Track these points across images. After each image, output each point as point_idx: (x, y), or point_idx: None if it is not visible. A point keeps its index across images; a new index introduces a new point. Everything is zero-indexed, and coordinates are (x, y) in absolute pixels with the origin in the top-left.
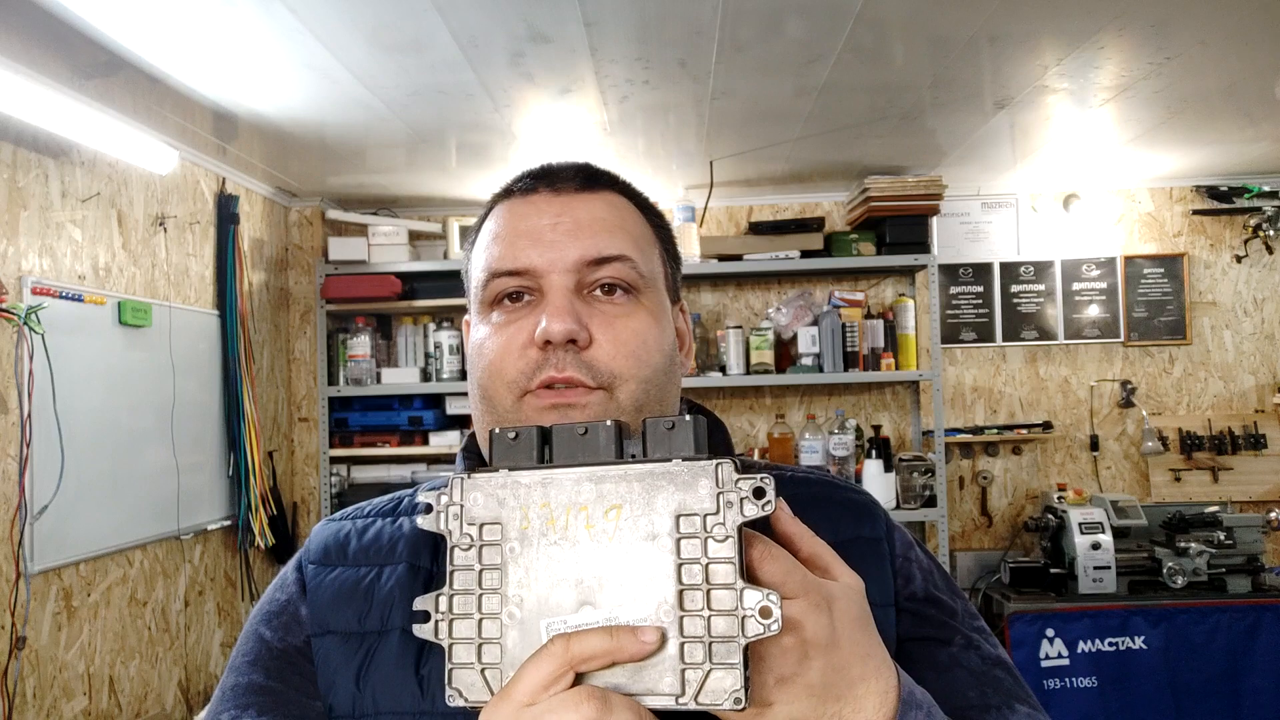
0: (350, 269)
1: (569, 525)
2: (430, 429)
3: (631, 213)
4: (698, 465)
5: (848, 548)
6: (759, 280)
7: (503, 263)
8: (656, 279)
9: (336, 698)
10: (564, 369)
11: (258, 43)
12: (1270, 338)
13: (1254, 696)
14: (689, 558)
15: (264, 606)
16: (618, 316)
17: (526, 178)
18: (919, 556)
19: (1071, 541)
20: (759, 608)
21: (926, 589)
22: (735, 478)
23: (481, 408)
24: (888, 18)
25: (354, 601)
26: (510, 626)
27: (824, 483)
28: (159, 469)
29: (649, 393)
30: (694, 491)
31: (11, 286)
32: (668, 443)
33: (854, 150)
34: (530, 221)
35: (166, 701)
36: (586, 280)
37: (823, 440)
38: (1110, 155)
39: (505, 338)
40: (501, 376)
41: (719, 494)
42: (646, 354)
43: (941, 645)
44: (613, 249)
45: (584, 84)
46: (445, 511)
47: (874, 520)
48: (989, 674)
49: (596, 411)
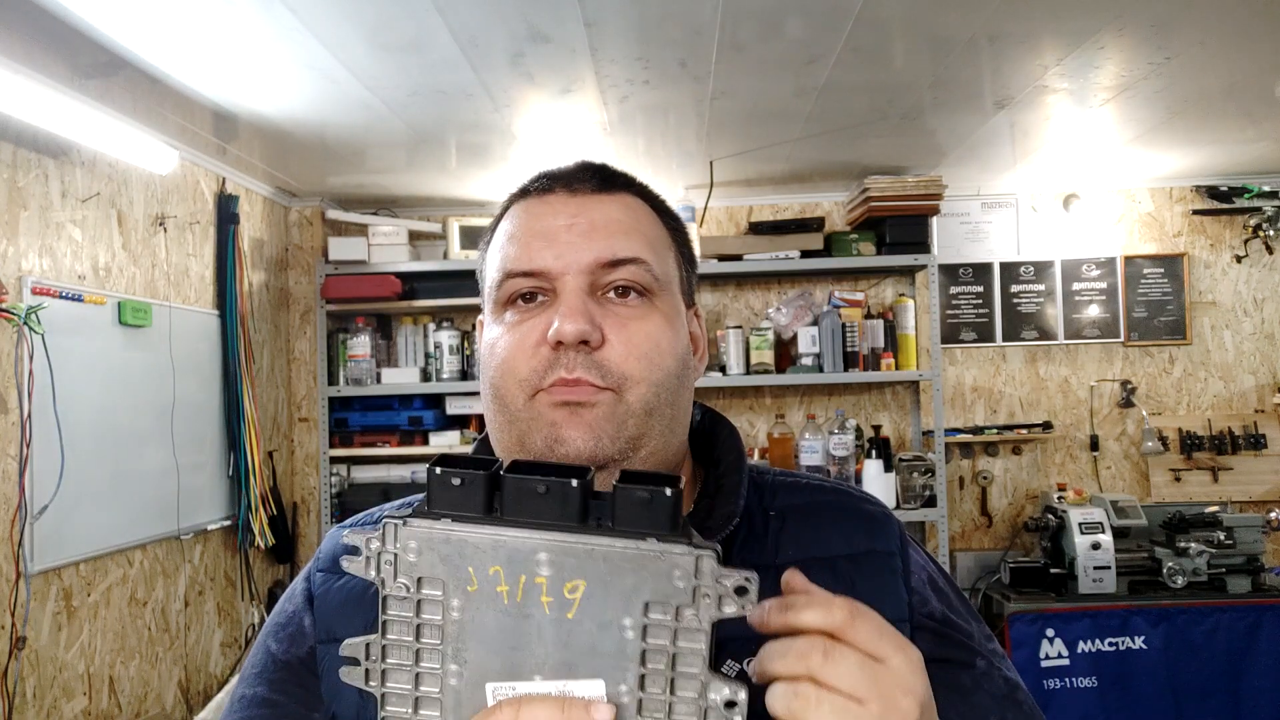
0: (350, 269)
1: (523, 596)
2: (430, 429)
3: (647, 215)
4: (676, 554)
5: (859, 561)
6: (759, 280)
7: (517, 263)
8: (671, 282)
9: (342, 705)
10: (574, 370)
11: (258, 43)
12: (1270, 338)
13: (1254, 696)
14: (655, 645)
15: (274, 618)
16: (631, 319)
17: (543, 178)
18: (935, 575)
19: (1071, 541)
20: (723, 702)
21: (944, 610)
22: (718, 573)
23: (494, 407)
24: (888, 18)
25: (361, 609)
26: (451, 685)
27: (838, 491)
28: (159, 469)
29: (660, 395)
30: (668, 580)
31: (11, 286)
32: (644, 517)
33: (854, 150)
34: (545, 222)
35: (166, 701)
36: (601, 282)
37: (823, 440)
38: (1110, 155)
39: (518, 336)
40: (514, 375)
41: (696, 586)
42: (659, 357)
43: (964, 668)
44: (628, 251)
45: (584, 84)
46: (375, 558)
47: (888, 534)
48: (1011, 698)
49: (605, 411)
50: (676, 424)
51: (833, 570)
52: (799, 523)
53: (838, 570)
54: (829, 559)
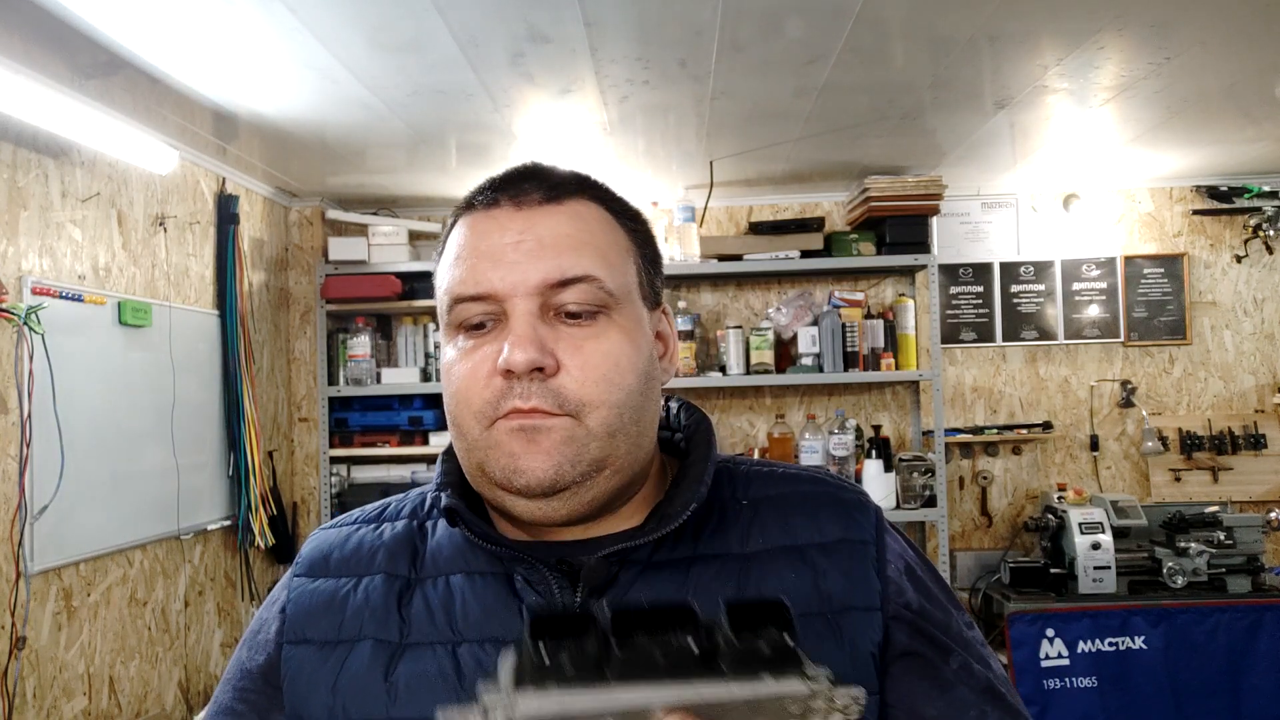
0: (350, 269)
1: None
2: (430, 429)
3: (601, 221)
4: (792, 691)
5: (830, 550)
6: (759, 280)
7: (464, 287)
8: (629, 291)
9: (311, 708)
10: (529, 399)
11: (258, 43)
12: (1270, 338)
13: (1254, 696)
14: None
15: (250, 625)
16: (586, 339)
17: (488, 189)
18: (914, 563)
19: (1071, 541)
20: None
21: (921, 600)
22: (829, 692)
23: (454, 433)
24: (888, 18)
25: (330, 612)
26: None
27: (815, 480)
28: (159, 469)
29: (622, 415)
30: (784, 712)
31: (11, 286)
32: (757, 657)
33: (854, 150)
34: (491, 240)
35: (166, 701)
36: (551, 302)
37: (823, 440)
38: (1110, 155)
39: (470, 366)
40: (468, 406)
41: (809, 707)
42: (619, 376)
43: (942, 661)
44: (577, 269)
45: (584, 84)
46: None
47: (862, 521)
48: (991, 691)
49: (563, 436)
50: (642, 437)
51: (802, 559)
52: (771, 512)
53: (808, 559)
54: (799, 548)
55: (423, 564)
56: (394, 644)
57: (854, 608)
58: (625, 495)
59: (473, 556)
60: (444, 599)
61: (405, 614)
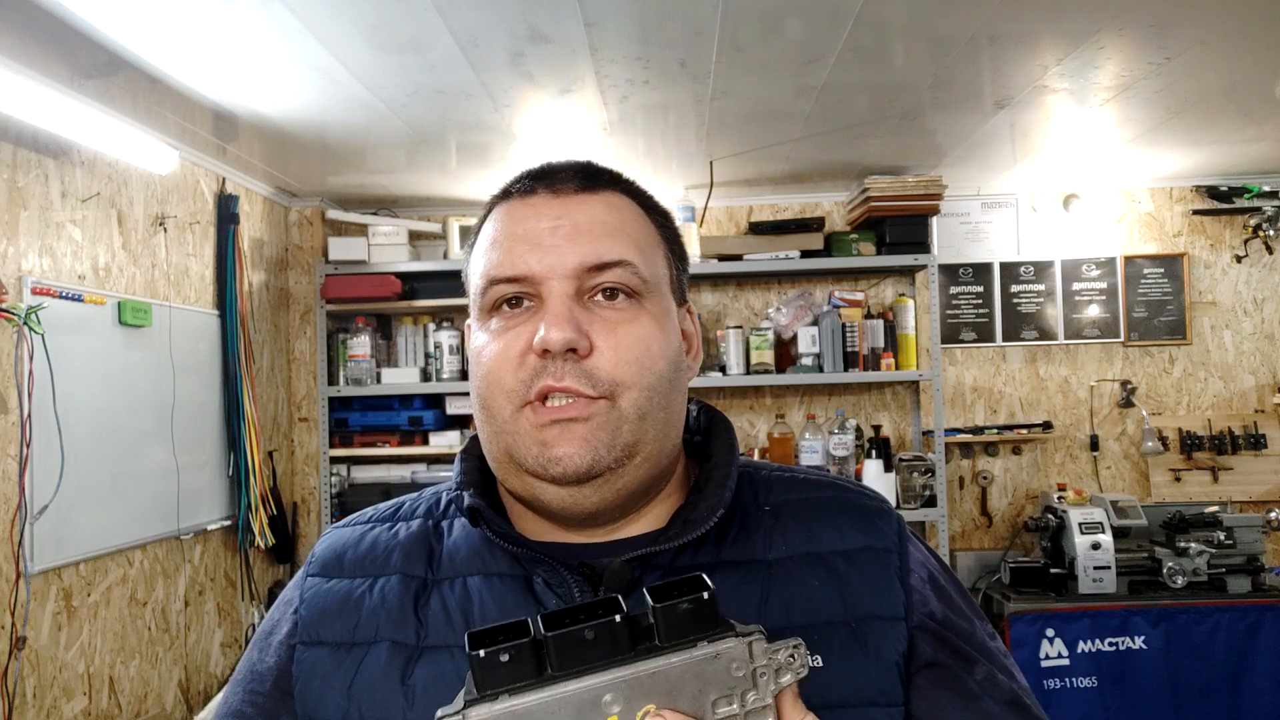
0: (350, 269)
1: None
2: (430, 429)
3: (634, 213)
4: (729, 649)
5: (853, 557)
6: (759, 280)
7: (501, 269)
8: (660, 282)
9: (325, 710)
10: (563, 378)
11: (258, 43)
12: (1270, 338)
13: (1254, 696)
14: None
15: (262, 625)
16: (620, 323)
17: (525, 178)
18: (936, 572)
19: (1071, 541)
20: None
21: (945, 610)
22: (769, 650)
23: (482, 416)
24: (888, 18)
25: (345, 613)
26: None
27: (836, 486)
28: (159, 469)
29: (652, 399)
30: (728, 674)
31: (11, 286)
32: (688, 624)
33: (854, 150)
34: (528, 225)
35: (166, 701)
36: (586, 286)
37: (823, 440)
38: (1110, 155)
39: (503, 345)
40: (500, 386)
41: (753, 668)
42: (650, 360)
43: (967, 672)
44: (613, 254)
45: (584, 84)
46: None
47: (885, 529)
48: (1017, 704)
49: (598, 421)
50: (670, 426)
51: (826, 566)
52: (794, 519)
53: (831, 566)
54: (822, 555)
55: (439, 565)
56: (411, 646)
57: (878, 616)
58: (651, 492)
59: (491, 558)
60: (462, 601)
61: (422, 616)
